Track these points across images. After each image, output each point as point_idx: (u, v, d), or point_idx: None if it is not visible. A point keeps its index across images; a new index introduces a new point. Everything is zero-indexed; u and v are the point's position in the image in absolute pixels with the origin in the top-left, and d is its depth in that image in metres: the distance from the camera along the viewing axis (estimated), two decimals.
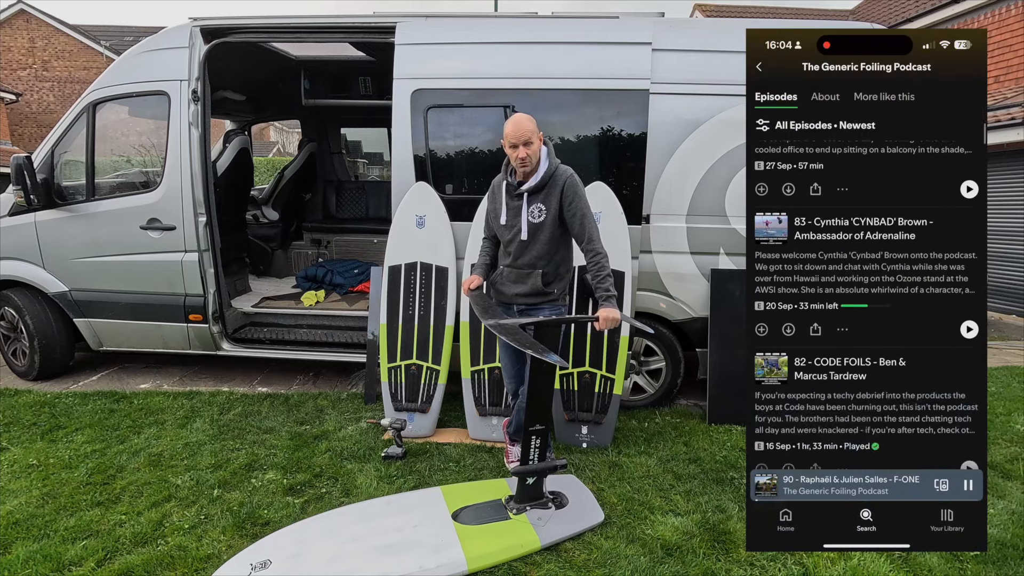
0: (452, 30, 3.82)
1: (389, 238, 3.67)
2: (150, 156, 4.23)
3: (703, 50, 3.63)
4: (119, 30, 21.87)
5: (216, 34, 4.00)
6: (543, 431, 2.57)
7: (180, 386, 4.36)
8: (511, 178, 2.71)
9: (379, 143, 8.23)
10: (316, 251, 6.43)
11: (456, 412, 3.66)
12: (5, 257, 4.37)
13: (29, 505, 2.70)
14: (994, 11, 8.75)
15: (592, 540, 2.47)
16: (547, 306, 2.77)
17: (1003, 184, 7.39)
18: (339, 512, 2.60)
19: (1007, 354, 5.56)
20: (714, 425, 3.63)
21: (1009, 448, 3.32)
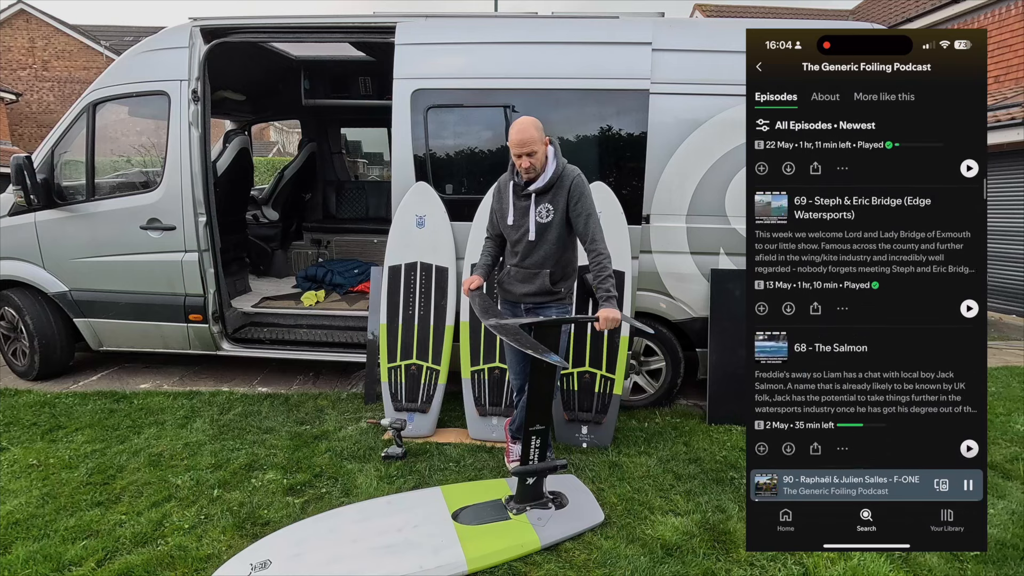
0: (452, 30, 3.82)
1: (389, 238, 3.67)
2: (150, 156, 4.23)
3: (703, 50, 3.63)
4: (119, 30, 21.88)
5: (216, 34, 4.00)
6: (543, 431, 2.57)
7: (180, 386, 4.36)
8: (518, 178, 2.70)
9: (379, 143, 8.24)
10: (316, 251, 6.43)
11: (456, 412, 3.66)
12: (5, 257, 4.37)
13: (29, 505, 2.70)
14: (994, 11, 8.74)
15: (592, 540, 2.46)
16: (554, 305, 2.77)
17: (1003, 184, 7.39)
18: (339, 512, 2.60)
19: (1007, 354, 5.56)
20: (714, 425, 3.63)
21: (1009, 448, 3.32)
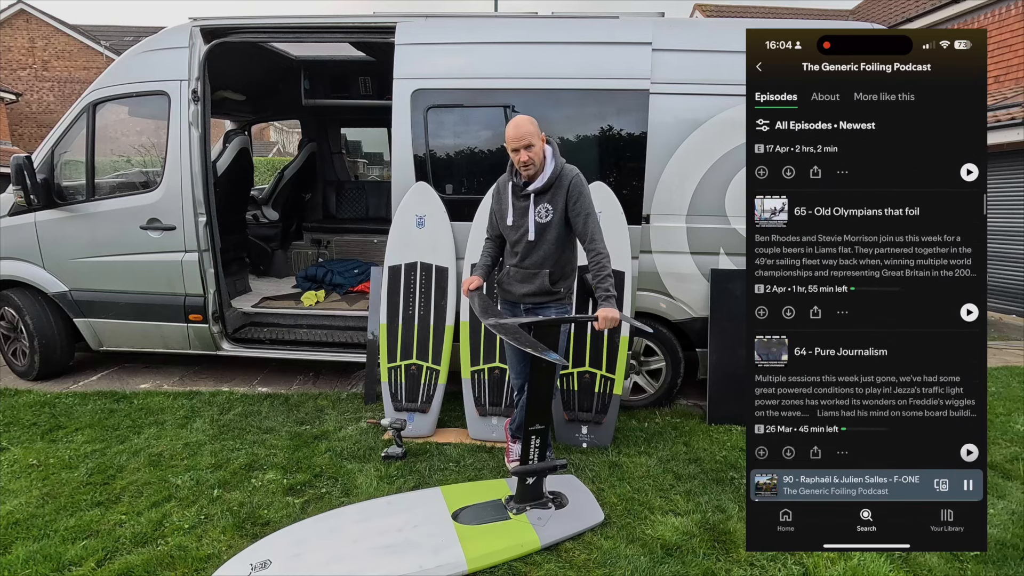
0: (452, 30, 3.82)
1: (389, 238, 3.67)
2: (150, 156, 4.23)
3: (703, 50, 3.63)
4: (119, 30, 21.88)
5: (216, 34, 4.00)
6: (543, 431, 2.57)
7: (180, 386, 4.36)
8: (516, 179, 2.70)
9: (379, 143, 8.24)
10: (316, 251, 6.43)
11: (456, 412, 3.66)
12: (5, 257, 4.37)
13: (29, 505, 2.70)
14: (994, 11, 8.74)
15: (592, 540, 2.46)
16: (554, 305, 2.78)
17: (1003, 184, 7.40)
18: (339, 512, 2.60)
19: (1007, 354, 5.56)
20: (714, 425, 3.63)
21: (1009, 448, 3.32)
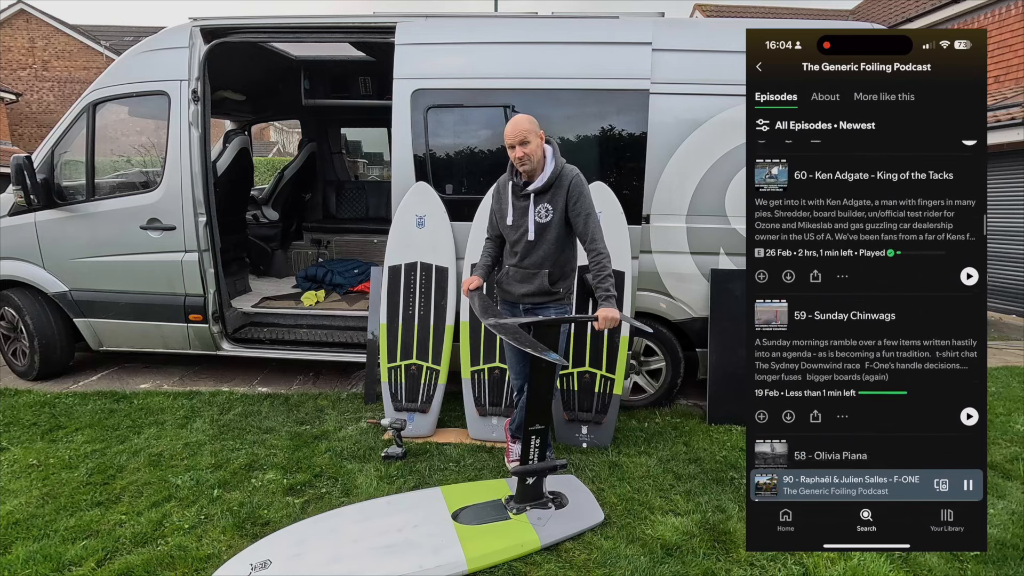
0: (452, 30, 3.82)
1: (389, 238, 3.67)
2: (150, 156, 4.23)
3: (703, 50, 3.63)
4: (119, 30, 21.88)
5: (216, 34, 4.00)
6: (543, 431, 2.57)
7: (180, 386, 4.36)
8: (517, 179, 2.71)
9: (379, 143, 8.24)
10: (316, 251, 6.43)
11: (456, 412, 3.66)
12: (5, 257, 4.37)
13: (29, 505, 2.70)
14: (994, 11, 8.74)
15: (592, 540, 2.46)
16: (553, 305, 2.77)
17: (1003, 184, 7.39)
18: (339, 512, 2.60)
19: (1007, 354, 5.56)
20: (714, 425, 3.63)
21: (1009, 448, 3.32)
